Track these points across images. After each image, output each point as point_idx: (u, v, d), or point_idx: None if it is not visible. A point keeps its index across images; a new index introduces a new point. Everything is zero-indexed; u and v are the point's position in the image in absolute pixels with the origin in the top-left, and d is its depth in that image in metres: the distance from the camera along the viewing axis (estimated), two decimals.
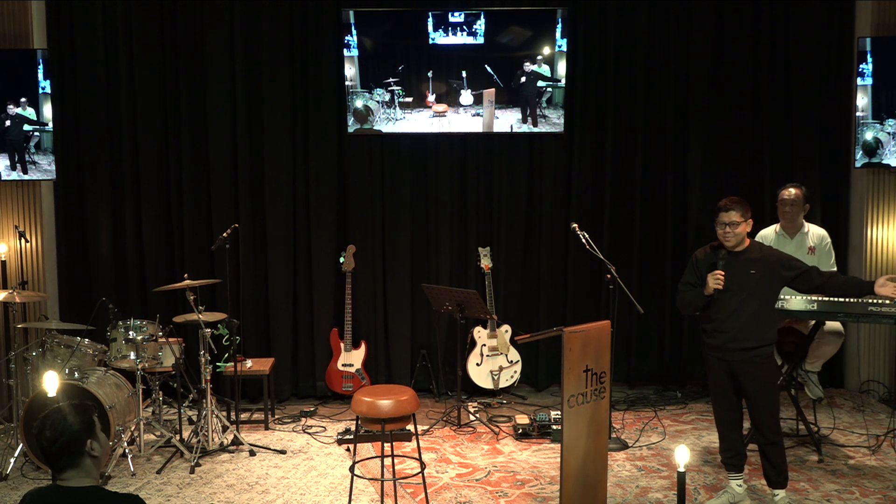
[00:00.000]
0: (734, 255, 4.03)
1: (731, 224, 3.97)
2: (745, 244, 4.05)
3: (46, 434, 2.33)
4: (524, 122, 6.02)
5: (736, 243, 4.02)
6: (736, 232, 3.98)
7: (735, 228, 3.97)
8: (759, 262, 3.99)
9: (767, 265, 3.99)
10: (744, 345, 3.96)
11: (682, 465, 2.59)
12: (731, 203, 3.99)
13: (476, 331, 5.98)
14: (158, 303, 5.87)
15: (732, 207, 3.98)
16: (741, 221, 3.97)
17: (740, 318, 3.95)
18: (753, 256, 4.01)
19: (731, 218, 3.97)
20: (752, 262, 3.99)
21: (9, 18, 5.75)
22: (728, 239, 4.00)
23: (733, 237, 3.99)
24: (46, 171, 5.80)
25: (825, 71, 6.21)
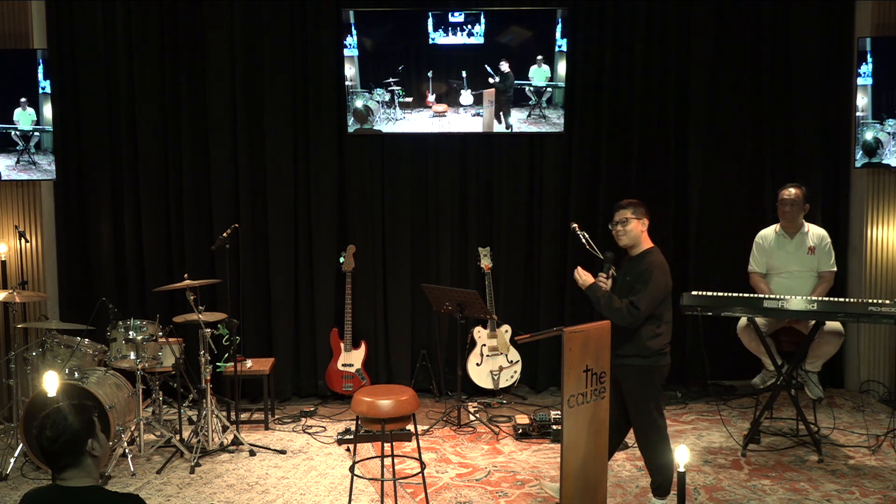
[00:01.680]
0: (632, 258, 4.00)
1: (622, 222, 3.96)
2: (642, 247, 3.99)
3: (47, 433, 2.33)
4: (498, 122, 6.00)
5: (628, 243, 3.99)
6: (626, 229, 3.95)
7: (626, 226, 3.95)
8: (635, 272, 3.92)
9: (634, 276, 3.92)
10: (616, 350, 3.91)
11: (682, 465, 2.60)
12: (626, 202, 3.99)
13: (476, 331, 5.98)
14: (158, 303, 5.87)
15: (625, 206, 3.97)
16: (632, 218, 3.94)
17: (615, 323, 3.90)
18: (641, 264, 3.93)
19: (622, 216, 3.96)
20: (633, 270, 3.93)
21: (9, 18, 5.75)
22: (618, 238, 3.99)
23: (623, 235, 3.97)
24: (46, 171, 5.80)
25: (825, 71, 6.21)
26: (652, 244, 4.03)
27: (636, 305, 3.81)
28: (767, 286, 5.17)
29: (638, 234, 3.97)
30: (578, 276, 4.07)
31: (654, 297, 3.83)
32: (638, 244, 4.00)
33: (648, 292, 3.82)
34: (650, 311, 3.85)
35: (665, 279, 3.91)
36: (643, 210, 3.99)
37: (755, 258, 5.28)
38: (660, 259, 3.96)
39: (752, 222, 5.92)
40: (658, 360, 3.91)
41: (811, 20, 6.17)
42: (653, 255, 3.96)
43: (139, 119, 6.03)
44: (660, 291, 3.86)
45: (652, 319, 3.88)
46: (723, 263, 6.23)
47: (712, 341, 5.65)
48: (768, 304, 4.67)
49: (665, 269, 3.95)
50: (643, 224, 3.98)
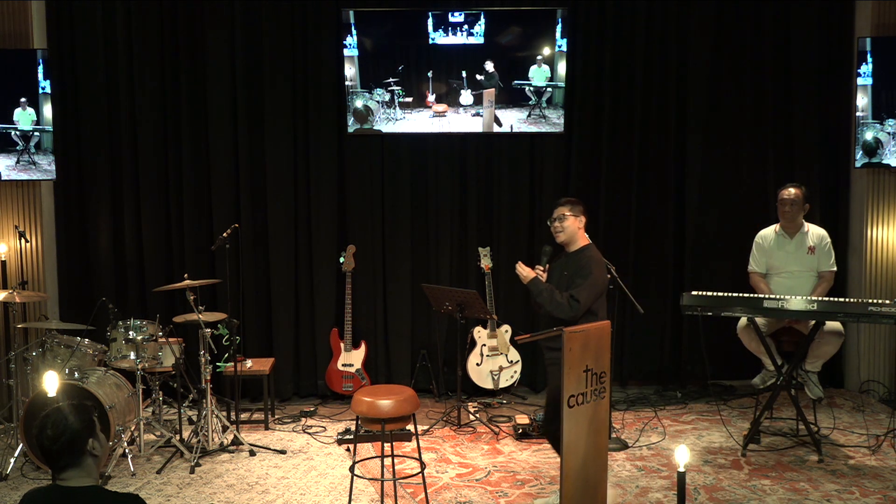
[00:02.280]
0: (568, 255, 4.08)
1: (559, 219, 4.04)
2: (578, 244, 4.06)
3: (48, 433, 2.32)
4: (491, 127, 6.00)
5: (565, 240, 4.07)
6: (564, 226, 4.04)
7: (563, 223, 4.03)
8: (573, 266, 4.00)
9: (573, 270, 3.99)
10: (549, 343, 4.01)
11: (682, 465, 2.59)
12: (564, 200, 4.08)
13: (476, 331, 5.98)
14: (158, 303, 5.87)
15: (563, 203, 4.06)
16: (570, 216, 4.03)
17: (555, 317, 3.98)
18: (579, 259, 4.01)
19: (560, 213, 4.05)
20: (571, 264, 4.01)
21: (9, 18, 5.75)
22: (556, 234, 4.06)
23: (560, 232, 4.05)
24: (46, 171, 5.80)
25: (825, 71, 6.21)
26: (588, 241, 4.12)
27: (576, 298, 3.90)
28: (767, 286, 5.17)
29: (575, 231, 4.07)
30: (520, 270, 4.15)
31: (592, 291, 3.92)
32: (575, 241, 4.09)
33: (588, 286, 3.91)
34: (589, 305, 3.93)
35: (602, 275, 4.01)
36: (581, 208, 4.10)
37: (755, 258, 5.28)
38: (597, 255, 4.06)
39: (752, 222, 5.92)
40: None
41: (811, 20, 6.17)
42: (590, 251, 4.07)
43: (139, 119, 6.03)
44: (598, 286, 3.96)
45: (588, 315, 3.96)
46: (723, 263, 6.24)
47: (712, 341, 5.66)
48: (768, 304, 4.67)
49: (602, 265, 4.05)
50: (580, 221, 4.08)
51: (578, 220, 4.06)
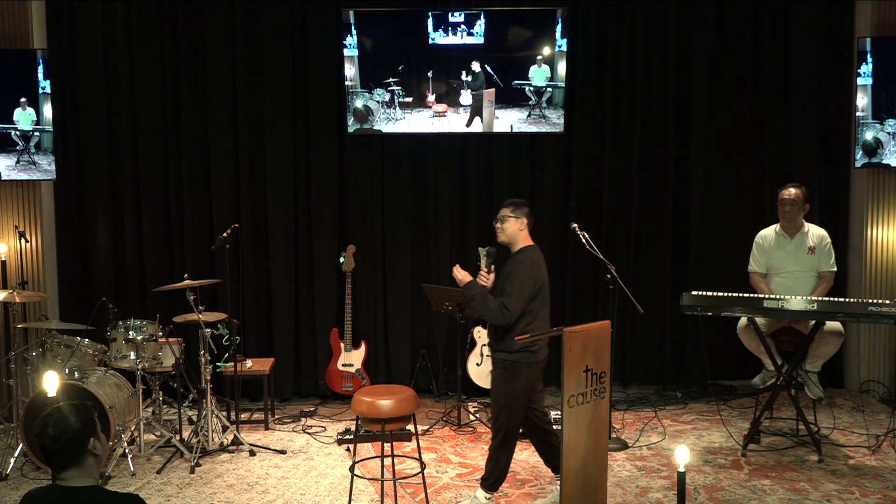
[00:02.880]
0: (510, 256, 4.09)
1: (501, 219, 4.08)
2: (519, 245, 4.07)
3: (49, 432, 2.32)
4: (468, 125, 6.00)
5: (506, 240, 4.09)
6: (504, 227, 4.06)
7: (503, 224, 4.06)
8: (508, 269, 4.02)
9: (505, 274, 4.01)
10: (489, 342, 4.08)
11: (682, 465, 2.59)
12: (509, 201, 4.11)
13: (476, 331, 5.98)
14: (158, 303, 5.87)
15: (507, 205, 4.09)
16: (511, 217, 4.05)
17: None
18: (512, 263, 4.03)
19: (502, 214, 4.08)
20: (508, 266, 4.03)
21: (9, 18, 5.75)
22: (498, 234, 4.10)
23: (501, 232, 4.08)
24: (46, 171, 5.80)
25: (825, 71, 6.21)
26: (531, 243, 4.11)
27: (507, 307, 3.90)
28: (767, 286, 5.17)
29: (515, 233, 4.07)
30: (456, 273, 4.17)
31: (522, 296, 3.92)
32: (515, 242, 4.09)
33: (515, 293, 3.91)
34: (522, 310, 3.92)
35: (534, 276, 3.97)
36: (525, 210, 4.10)
37: (755, 258, 5.28)
38: (531, 257, 4.04)
39: (752, 222, 5.92)
40: (525, 356, 3.97)
41: (811, 20, 6.17)
42: (524, 254, 4.05)
43: (139, 119, 6.03)
44: (527, 289, 3.93)
45: (525, 315, 3.95)
46: (723, 263, 6.24)
47: (712, 341, 5.66)
48: (768, 304, 4.67)
49: (536, 265, 4.02)
50: (521, 223, 4.08)
51: (520, 222, 4.07)
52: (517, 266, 3.99)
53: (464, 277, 4.12)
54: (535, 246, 4.12)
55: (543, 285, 4.02)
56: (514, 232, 4.07)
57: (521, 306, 3.91)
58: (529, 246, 4.09)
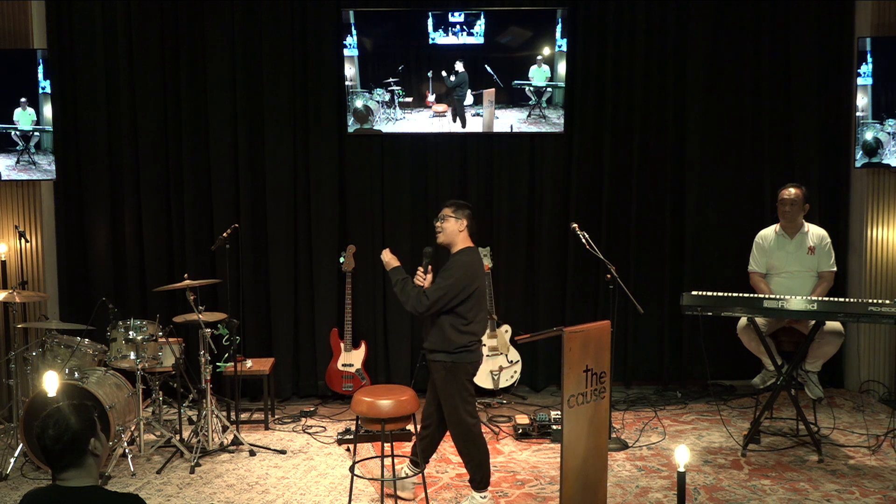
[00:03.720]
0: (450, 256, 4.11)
1: (441, 219, 4.09)
2: (457, 247, 4.09)
3: (49, 432, 2.32)
4: (454, 121, 6.00)
5: (444, 240, 4.11)
6: (443, 226, 4.08)
7: (443, 223, 4.08)
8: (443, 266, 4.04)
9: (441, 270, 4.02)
10: (424, 344, 4.08)
11: (682, 465, 2.59)
12: (451, 202, 4.13)
13: None
14: (158, 303, 5.87)
15: (448, 205, 4.11)
16: (451, 217, 4.07)
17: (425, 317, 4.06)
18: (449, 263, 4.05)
19: (443, 214, 4.10)
20: (447, 265, 4.04)
21: (9, 18, 5.75)
22: (437, 234, 4.11)
23: (440, 232, 4.10)
24: (46, 171, 5.80)
25: (825, 71, 6.21)
26: (470, 244, 4.12)
27: (426, 294, 3.93)
28: (767, 286, 5.17)
29: (455, 233, 4.09)
30: (384, 256, 4.20)
31: (447, 292, 3.92)
32: (454, 243, 4.11)
33: (443, 287, 3.93)
34: (441, 305, 3.93)
35: (467, 279, 3.97)
36: (466, 212, 4.11)
37: (755, 258, 5.28)
38: (468, 259, 4.04)
39: (752, 222, 5.93)
40: (462, 356, 4.00)
41: (811, 20, 6.17)
42: (461, 255, 4.07)
43: (139, 119, 6.03)
44: (456, 288, 3.94)
45: (454, 317, 3.96)
46: (723, 263, 6.24)
47: (712, 341, 5.66)
48: (768, 304, 4.67)
49: (472, 268, 4.02)
50: (461, 225, 4.09)
51: (460, 223, 4.08)
52: (452, 265, 4.03)
53: (391, 261, 4.15)
54: (474, 248, 4.13)
55: (477, 290, 4.02)
56: (453, 232, 4.08)
57: (441, 300, 3.92)
58: (468, 247, 4.11)
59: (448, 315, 3.96)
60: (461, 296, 3.94)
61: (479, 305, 4.04)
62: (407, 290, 3.98)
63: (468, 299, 3.96)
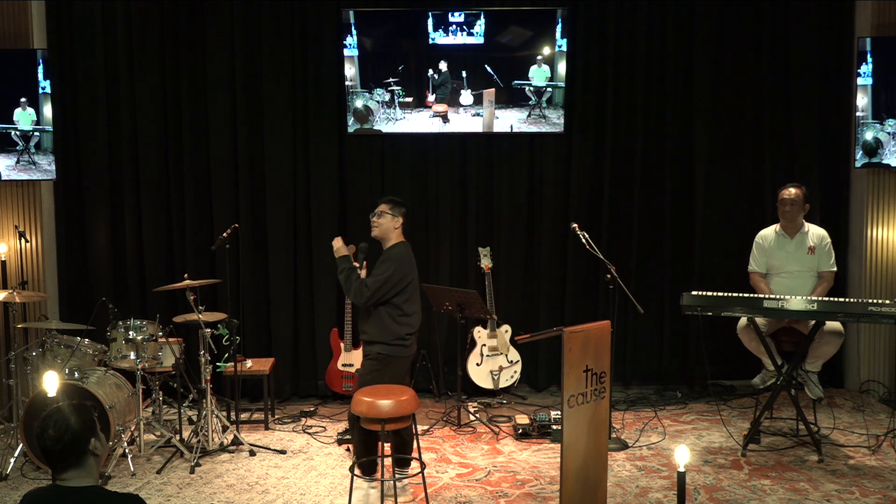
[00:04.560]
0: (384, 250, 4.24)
1: (377, 214, 4.23)
2: (391, 241, 4.23)
3: (50, 433, 2.32)
4: (444, 122, 6.00)
5: (379, 235, 4.25)
6: (379, 222, 4.23)
7: (379, 219, 4.22)
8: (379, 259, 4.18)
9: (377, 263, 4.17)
10: (362, 336, 4.24)
11: (682, 465, 2.60)
12: (387, 198, 4.27)
13: (476, 331, 5.98)
14: (158, 303, 5.87)
15: (385, 201, 4.25)
16: (387, 213, 4.21)
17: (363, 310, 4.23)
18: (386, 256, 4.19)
19: (379, 209, 4.24)
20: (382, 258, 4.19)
21: (9, 18, 5.75)
22: (372, 228, 4.24)
23: (376, 227, 4.25)
24: (46, 171, 5.80)
25: (825, 71, 6.21)
26: (402, 239, 4.29)
27: (367, 285, 4.11)
28: (767, 286, 5.17)
29: (390, 229, 4.26)
30: (335, 243, 4.33)
31: (385, 282, 4.11)
32: (388, 238, 4.28)
33: (380, 277, 4.11)
34: (380, 295, 4.14)
35: (402, 272, 4.16)
36: (401, 210, 4.29)
37: (755, 258, 5.28)
38: (403, 252, 4.22)
39: (753, 222, 5.93)
40: (399, 349, 4.17)
41: (811, 20, 6.17)
42: (396, 249, 4.25)
43: (139, 119, 6.04)
44: (393, 279, 4.12)
45: (391, 308, 4.17)
46: (723, 263, 6.24)
47: (712, 341, 5.66)
48: (768, 304, 4.67)
49: (406, 261, 4.21)
50: (397, 222, 4.27)
51: (396, 221, 4.25)
52: (388, 257, 4.20)
53: (341, 248, 4.28)
54: (406, 242, 4.30)
55: (412, 282, 4.22)
56: (388, 228, 4.25)
57: (380, 291, 4.10)
58: (401, 242, 4.29)
59: (385, 305, 4.14)
60: (398, 287, 4.13)
61: (413, 298, 4.24)
62: (351, 280, 4.14)
63: (404, 291, 4.16)
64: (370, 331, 4.20)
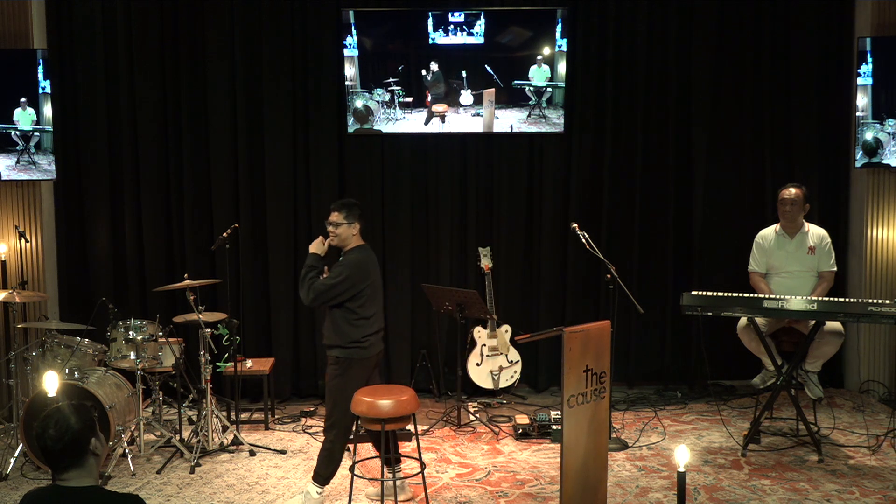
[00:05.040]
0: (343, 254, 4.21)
1: (334, 225, 4.18)
2: (350, 246, 4.21)
3: (50, 433, 2.32)
4: (426, 123, 6.00)
5: (339, 244, 4.21)
6: (337, 232, 4.19)
7: (337, 229, 4.18)
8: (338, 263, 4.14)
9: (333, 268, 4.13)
10: (324, 340, 4.21)
11: (682, 465, 2.60)
12: (340, 205, 4.21)
13: (476, 331, 5.98)
14: (158, 303, 5.87)
15: (339, 209, 4.20)
16: (343, 223, 4.17)
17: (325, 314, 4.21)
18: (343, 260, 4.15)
19: (335, 219, 4.19)
20: (340, 262, 4.15)
21: (9, 18, 5.75)
22: (331, 238, 4.20)
23: (335, 237, 4.20)
24: (46, 171, 5.80)
25: (825, 71, 6.21)
26: (361, 243, 4.26)
27: (314, 288, 4.07)
28: (767, 286, 5.17)
29: (348, 236, 4.23)
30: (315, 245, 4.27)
31: (330, 288, 4.06)
32: (347, 244, 4.24)
33: (328, 283, 4.07)
34: (325, 299, 4.09)
35: (354, 279, 4.11)
36: (356, 213, 4.24)
37: (755, 258, 5.28)
38: (360, 257, 4.19)
39: (753, 222, 5.92)
40: (357, 352, 4.12)
41: (811, 20, 6.17)
42: (352, 254, 4.21)
43: (139, 119, 6.03)
44: (341, 287, 4.07)
45: (346, 312, 4.11)
46: (723, 263, 6.24)
47: (712, 341, 5.65)
48: (768, 304, 4.67)
49: (363, 265, 4.17)
50: (354, 228, 4.23)
51: (352, 227, 4.21)
52: (342, 263, 4.16)
53: (317, 250, 4.22)
54: (365, 245, 4.28)
55: (371, 284, 4.18)
56: (347, 235, 4.22)
57: (329, 294, 4.06)
58: (360, 246, 4.25)
59: (338, 309, 4.11)
60: (350, 292, 4.08)
61: (372, 300, 4.19)
62: (306, 278, 4.10)
63: (359, 295, 4.11)
64: (327, 334, 4.17)
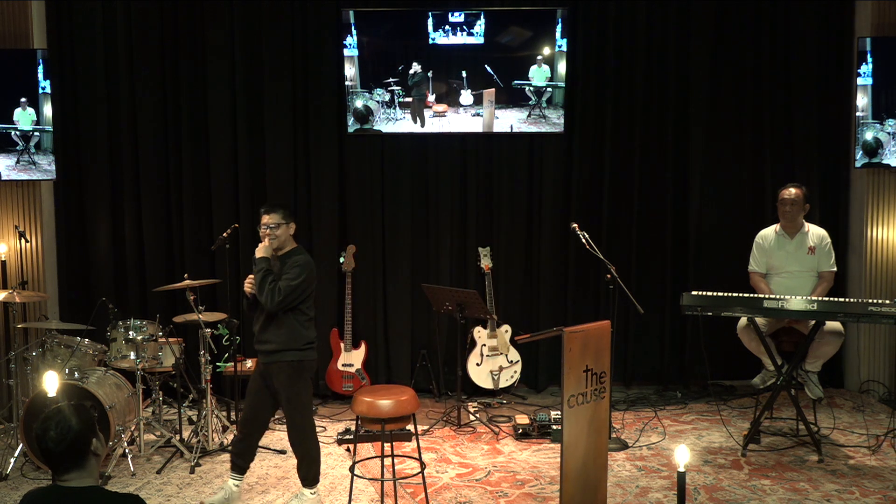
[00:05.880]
0: (279, 257, 4.16)
1: (273, 226, 4.13)
2: (287, 248, 4.17)
3: (51, 435, 2.32)
4: (413, 122, 5.99)
5: (278, 245, 4.17)
6: (277, 234, 4.14)
7: (276, 230, 4.13)
8: (285, 266, 4.09)
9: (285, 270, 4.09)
10: (264, 347, 4.12)
11: (682, 465, 2.60)
12: (276, 206, 4.17)
13: (476, 331, 5.98)
14: (158, 303, 5.87)
15: (274, 210, 4.15)
16: (282, 223, 4.13)
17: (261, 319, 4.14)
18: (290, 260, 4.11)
19: (273, 220, 4.13)
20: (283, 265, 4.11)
21: (9, 18, 5.75)
22: (270, 241, 4.14)
23: (274, 239, 4.14)
24: (46, 171, 5.80)
25: (825, 71, 6.21)
26: (295, 245, 4.24)
27: (280, 290, 4.00)
28: (767, 286, 5.17)
29: (287, 238, 4.20)
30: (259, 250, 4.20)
31: (295, 288, 4.03)
32: (285, 246, 4.21)
33: (292, 284, 4.01)
34: (291, 300, 4.03)
35: (311, 277, 4.13)
36: (290, 214, 4.21)
37: (755, 258, 5.28)
38: (308, 258, 4.18)
39: (753, 222, 5.92)
40: (309, 353, 4.15)
41: (811, 20, 6.16)
42: (301, 254, 4.19)
43: (139, 119, 6.04)
44: (302, 286, 4.06)
45: (298, 314, 4.09)
46: (723, 263, 6.23)
47: (712, 341, 5.65)
48: (768, 304, 4.67)
49: (312, 267, 4.16)
50: (291, 228, 4.20)
51: (290, 227, 4.19)
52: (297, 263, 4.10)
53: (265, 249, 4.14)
54: (301, 247, 4.26)
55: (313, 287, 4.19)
56: (286, 237, 4.18)
57: (292, 296, 4.02)
58: (299, 246, 4.24)
59: (292, 311, 4.08)
60: (307, 293, 4.10)
61: (312, 304, 4.22)
62: (265, 282, 4.05)
63: (309, 297, 4.14)
64: (278, 339, 4.07)
